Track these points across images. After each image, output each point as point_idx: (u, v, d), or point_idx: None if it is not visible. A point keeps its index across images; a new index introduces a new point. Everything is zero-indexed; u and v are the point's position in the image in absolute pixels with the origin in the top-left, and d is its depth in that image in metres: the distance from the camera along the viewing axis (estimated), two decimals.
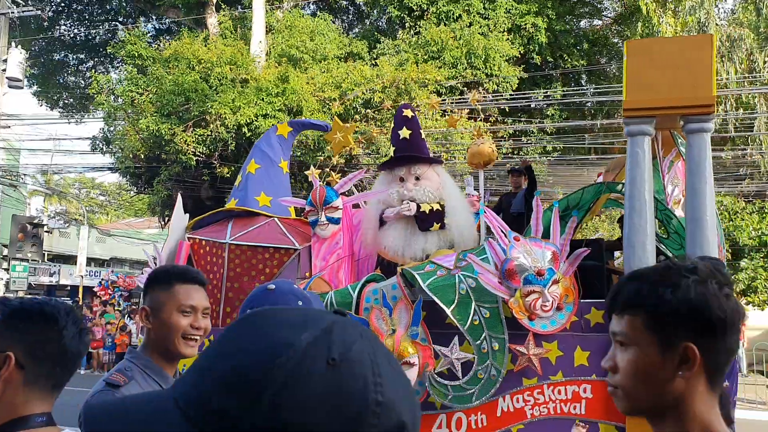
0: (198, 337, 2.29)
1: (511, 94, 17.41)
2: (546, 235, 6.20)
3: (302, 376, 0.73)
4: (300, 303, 1.87)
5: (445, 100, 17.04)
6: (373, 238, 6.99)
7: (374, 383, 0.75)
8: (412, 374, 5.85)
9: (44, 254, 31.32)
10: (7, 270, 25.33)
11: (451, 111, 17.06)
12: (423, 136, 7.20)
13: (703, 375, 1.25)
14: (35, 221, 25.53)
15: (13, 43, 22.61)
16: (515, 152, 18.83)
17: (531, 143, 19.00)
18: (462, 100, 17.49)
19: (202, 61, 15.85)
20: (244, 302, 1.86)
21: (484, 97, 17.84)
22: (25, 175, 27.70)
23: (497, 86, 17.28)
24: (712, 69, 5.67)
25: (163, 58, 16.62)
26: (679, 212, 6.44)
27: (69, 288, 34.29)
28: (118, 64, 22.92)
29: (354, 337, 0.78)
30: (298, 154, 14.63)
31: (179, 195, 9.71)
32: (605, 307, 1.34)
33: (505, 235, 6.10)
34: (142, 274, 7.98)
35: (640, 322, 1.28)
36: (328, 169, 9.19)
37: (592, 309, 5.96)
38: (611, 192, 6.94)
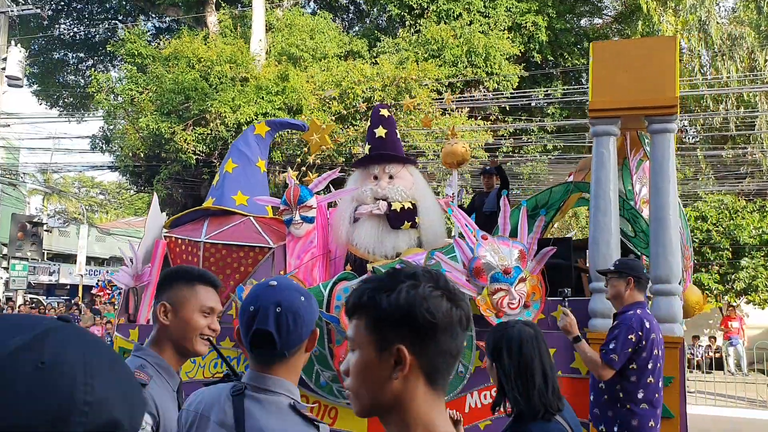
0: (213, 338, 2.30)
1: (511, 93, 17.39)
2: (514, 234, 6.28)
3: (7, 378, 0.78)
4: (303, 299, 1.85)
5: (443, 98, 17.02)
6: (346, 235, 7.04)
7: (84, 383, 0.81)
8: None
9: (44, 253, 31.30)
10: (6, 269, 25.30)
11: (452, 109, 17.05)
12: (398, 135, 7.26)
13: (420, 376, 1.28)
14: (35, 220, 25.49)
15: (12, 42, 22.58)
16: (516, 151, 18.80)
17: (531, 142, 18.99)
18: (462, 99, 17.48)
19: (202, 59, 15.83)
20: (246, 298, 1.84)
21: (484, 95, 17.83)
22: (24, 173, 27.67)
23: (498, 85, 17.25)
24: (676, 70, 5.73)
25: (162, 57, 16.60)
26: (647, 212, 6.49)
27: (69, 287, 34.26)
28: (117, 63, 22.90)
29: (69, 342, 0.84)
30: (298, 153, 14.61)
31: (154, 194, 9.82)
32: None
33: (473, 234, 6.21)
34: (118, 272, 8.07)
35: (363, 325, 1.31)
36: (304, 168, 9.25)
37: (559, 307, 5.94)
38: (580, 191, 6.97)
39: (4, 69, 22.22)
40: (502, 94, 17.40)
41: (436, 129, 16.12)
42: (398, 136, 7.28)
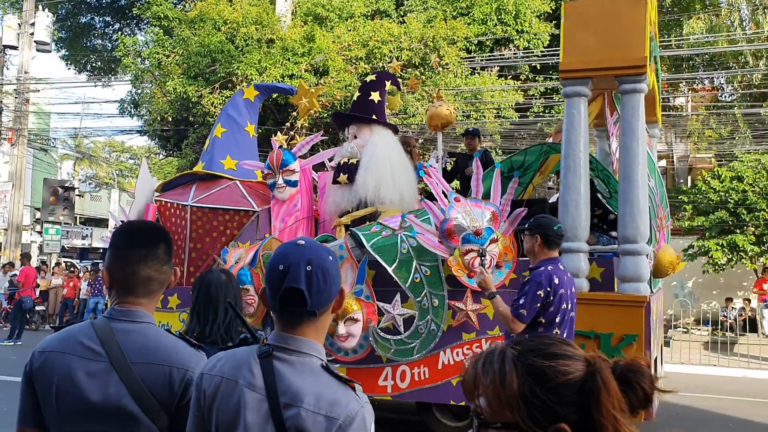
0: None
1: (542, 51, 17.01)
2: (488, 196, 6.35)
3: None
4: (330, 258, 1.79)
5: (474, 57, 16.71)
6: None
7: None
8: (356, 329, 6.18)
9: (76, 217, 31.79)
10: (40, 233, 25.74)
11: (481, 68, 16.76)
12: (374, 98, 7.38)
13: None
14: (66, 185, 25.83)
15: (40, 7, 22.64)
16: (546, 110, 18.47)
17: (563, 101, 18.61)
18: (491, 57, 17.15)
19: (228, 21, 15.69)
20: (273, 257, 1.77)
21: (514, 54, 17.47)
22: (55, 138, 27.96)
23: (528, 43, 16.89)
24: (645, 31, 5.69)
25: (188, 19, 16.49)
26: None
27: (102, 251, 34.82)
28: (144, 26, 22.84)
29: None
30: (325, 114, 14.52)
31: (144, 159, 10.05)
32: None
33: (446, 196, 6.28)
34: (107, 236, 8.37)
35: None
36: (293, 132, 9.34)
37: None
38: (555, 152, 7.01)
39: (32, 34, 22.32)
40: (533, 52, 17.03)
41: (466, 88, 15.88)
42: (373, 97, 7.39)
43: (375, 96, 7.36)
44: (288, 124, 11.40)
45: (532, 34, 16.67)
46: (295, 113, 9.76)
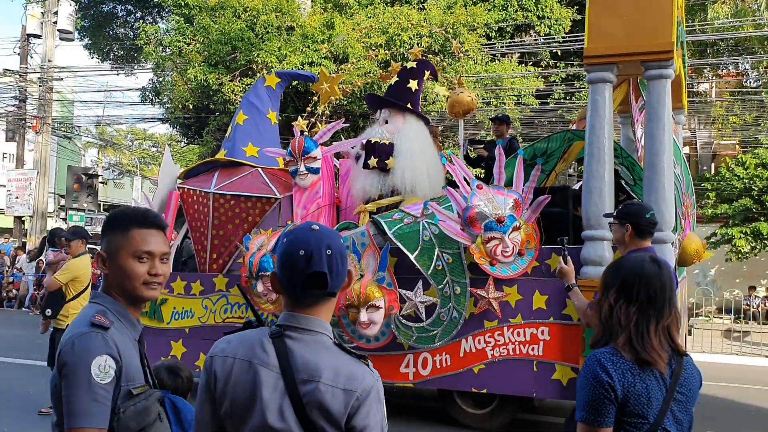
0: (159, 282, 2.18)
1: (563, 37, 16.86)
2: (510, 183, 6.32)
3: None
4: (342, 241, 1.86)
5: (495, 43, 16.61)
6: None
7: None
8: (378, 316, 6.20)
9: (100, 204, 32.11)
10: (65, 220, 26.05)
11: (501, 55, 16.66)
12: (412, 86, 7.32)
13: None
14: (90, 172, 26.10)
15: None
16: (568, 97, 18.34)
17: (584, 87, 18.46)
18: (512, 44, 17.03)
19: (248, 9, 15.70)
20: (288, 243, 1.82)
21: (535, 40, 17.34)
22: (78, 126, 28.21)
23: (549, 29, 16.74)
24: (672, 15, 5.59)
25: (209, 7, 16.52)
26: None
27: None
28: (165, 14, 22.93)
29: None
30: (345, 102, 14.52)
31: (166, 147, 10.07)
32: None
33: (468, 183, 6.27)
34: None
35: None
36: (314, 119, 9.31)
37: (553, 254, 6.15)
38: (579, 139, 6.95)
39: (55, 23, 22.50)
40: (554, 38, 16.89)
41: (486, 75, 15.79)
42: (411, 85, 7.34)
43: (413, 84, 7.30)
44: (308, 110, 11.43)
45: (553, 19, 16.52)
46: (315, 99, 9.77)
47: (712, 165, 23.63)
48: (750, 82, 23.10)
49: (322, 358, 1.76)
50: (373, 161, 6.99)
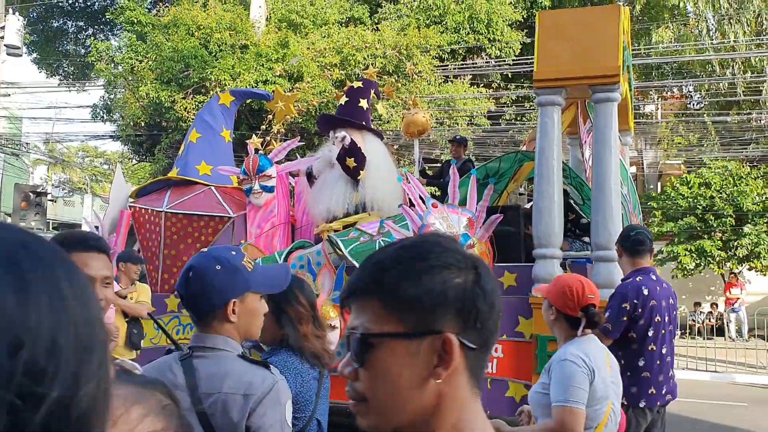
0: (102, 307, 2.19)
1: (513, 60, 17.21)
2: (464, 203, 6.40)
3: None
4: (218, 267, 1.94)
5: (447, 65, 16.86)
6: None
7: None
8: (334, 336, 6.09)
9: (48, 223, 31.36)
10: None
11: (454, 76, 16.90)
12: (363, 105, 7.36)
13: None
14: (38, 190, 25.50)
15: (10, 10, 22.35)
16: (518, 118, 18.67)
17: (534, 109, 18.84)
18: (464, 66, 17.31)
19: (202, 26, 15.67)
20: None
21: (487, 62, 17.65)
22: (27, 143, 27.62)
23: (500, 51, 17.08)
24: (619, 40, 5.76)
25: (162, 25, 16.44)
26: None
27: None
28: (117, 31, 22.69)
29: None
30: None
31: (118, 165, 9.95)
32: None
33: (423, 202, 6.32)
34: None
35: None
36: (268, 137, 9.34)
37: (506, 273, 6.23)
38: (529, 160, 7.10)
39: (2, 38, 22.02)
40: (504, 61, 17.22)
41: (439, 96, 16.01)
42: (362, 104, 7.37)
43: (363, 103, 7.34)
44: (263, 128, 11.42)
45: (503, 42, 16.87)
46: (270, 117, 9.78)
47: (659, 184, 24.25)
48: (693, 105, 23.84)
49: (225, 370, 1.88)
50: (351, 161, 6.94)
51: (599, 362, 3.01)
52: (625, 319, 4.24)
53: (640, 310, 4.25)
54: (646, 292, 4.29)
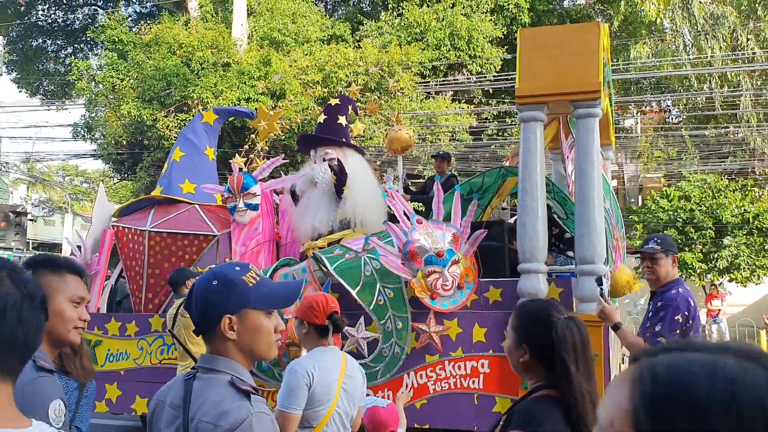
0: (84, 328, 2.26)
1: (494, 76, 17.35)
2: (448, 218, 6.44)
3: None
4: (214, 283, 1.94)
5: (429, 82, 16.96)
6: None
7: None
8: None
9: (28, 243, 31.03)
10: None
11: (435, 93, 17.01)
12: (342, 122, 7.40)
13: None
14: (18, 209, 25.27)
15: None
16: (500, 133, 18.80)
17: (515, 124, 18.98)
18: (445, 82, 17.43)
19: (183, 45, 15.67)
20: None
21: (468, 78, 17.78)
22: (6, 163, 27.38)
23: (481, 68, 17.21)
24: (599, 56, 5.83)
25: (143, 43, 16.42)
26: None
27: None
28: (98, 50, 22.63)
29: None
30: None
31: (100, 184, 9.93)
32: None
33: (408, 218, 6.36)
34: None
35: None
36: (252, 156, 9.36)
37: (491, 288, 6.27)
38: (512, 175, 7.16)
39: None
40: (485, 77, 17.36)
41: (421, 112, 16.09)
42: (341, 121, 7.41)
43: (342, 119, 7.36)
44: (246, 146, 11.42)
45: (484, 59, 17.00)
46: (253, 135, 9.79)
47: (639, 197, 24.47)
48: (672, 119, 24.13)
49: (207, 396, 1.86)
50: (332, 178, 6.98)
51: (328, 370, 3.36)
52: (678, 332, 4.18)
53: (690, 321, 4.21)
54: (692, 303, 4.26)
